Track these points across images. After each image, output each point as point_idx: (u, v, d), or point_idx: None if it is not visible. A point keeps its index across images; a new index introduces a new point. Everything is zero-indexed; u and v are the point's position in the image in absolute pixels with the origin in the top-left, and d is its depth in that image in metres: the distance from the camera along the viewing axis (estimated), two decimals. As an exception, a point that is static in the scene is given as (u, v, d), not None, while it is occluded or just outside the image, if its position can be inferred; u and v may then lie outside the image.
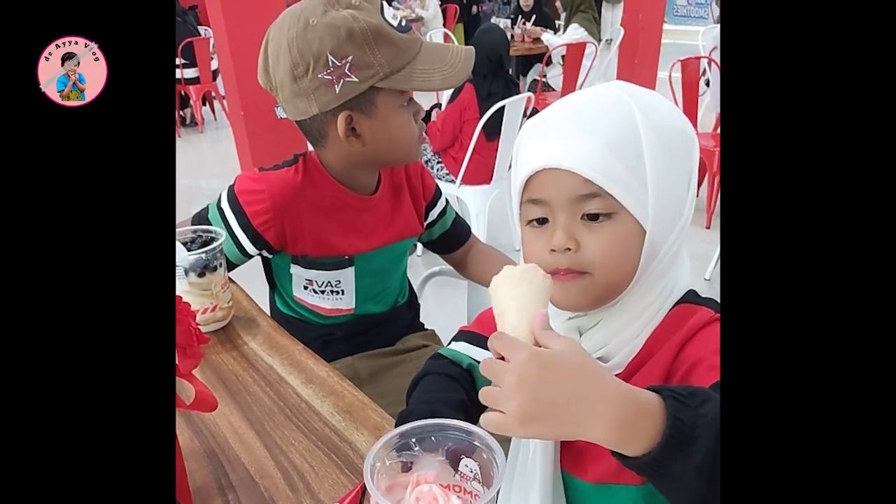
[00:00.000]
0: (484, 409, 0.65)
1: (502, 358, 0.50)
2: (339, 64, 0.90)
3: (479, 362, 0.70)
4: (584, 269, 0.60)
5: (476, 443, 0.55)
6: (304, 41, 0.90)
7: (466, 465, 0.55)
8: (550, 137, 0.61)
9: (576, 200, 0.60)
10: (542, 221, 0.63)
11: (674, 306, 0.63)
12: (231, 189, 1.05)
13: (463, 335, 0.80)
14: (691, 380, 0.57)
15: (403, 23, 0.96)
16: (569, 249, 0.60)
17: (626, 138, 0.58)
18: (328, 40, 0.89)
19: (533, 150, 0.62)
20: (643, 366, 0.62)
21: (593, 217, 0.60)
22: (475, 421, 0.69)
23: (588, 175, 0.58)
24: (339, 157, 1.03)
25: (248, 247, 1.05)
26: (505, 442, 0.68)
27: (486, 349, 0.71)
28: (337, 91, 0.92)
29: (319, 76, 0.91)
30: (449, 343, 0.81)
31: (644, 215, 0.59)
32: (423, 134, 1.08)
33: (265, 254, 1.09)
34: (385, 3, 0.96)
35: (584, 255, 0.60)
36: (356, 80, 0.92)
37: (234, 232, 1.03)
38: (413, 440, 0.56)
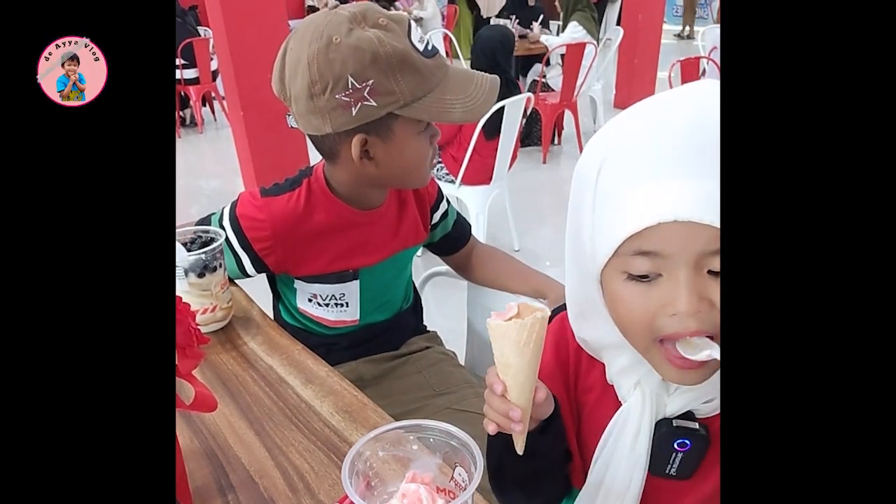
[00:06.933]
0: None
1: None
2: (359, 87, 0.86)
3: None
4: (716, 331, 0.52)
5: (465, 453, 0.55)
6: (325, 60, 0.86)
7: (460, 475, 0.55)
8: (675, 178, 0.50)
9: (706, 255, 0.50)
10: (647, 276, 0.53)
11: None
12: (233, 210, 1.03)
13: None
14: None
15: (430, 46, 0.92)
16: (700, 311, 0.51)
17: None
18: (351, 62, 0.85)
19: (646, 194, 0.51)
20: None
21: None
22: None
23: None
24: (350, 177, 1.00)
25: (249, 267, 1.05)
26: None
27: None
28: (353, 114, 0.88)
29: (337, 97, 0.87)
30: None
31: None
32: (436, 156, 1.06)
33: (266, 274, 1.09)
34: (413, 24, 0.92)
35: (718, 314, 0.51)
36: (375, 105, 0.88)
37: (235, 250, 1.03)
38: (412, 437, 0.56)
